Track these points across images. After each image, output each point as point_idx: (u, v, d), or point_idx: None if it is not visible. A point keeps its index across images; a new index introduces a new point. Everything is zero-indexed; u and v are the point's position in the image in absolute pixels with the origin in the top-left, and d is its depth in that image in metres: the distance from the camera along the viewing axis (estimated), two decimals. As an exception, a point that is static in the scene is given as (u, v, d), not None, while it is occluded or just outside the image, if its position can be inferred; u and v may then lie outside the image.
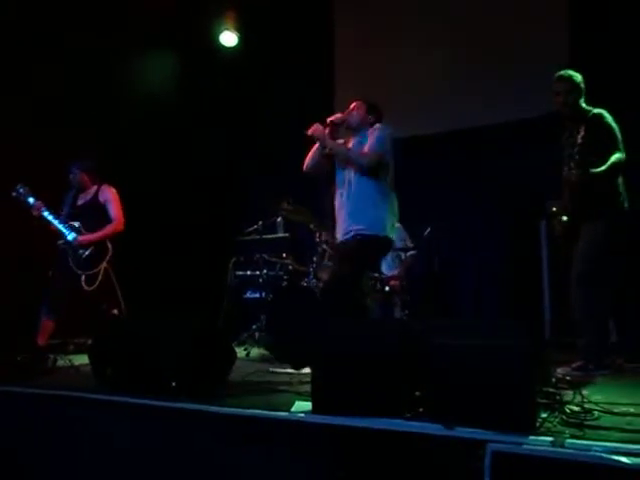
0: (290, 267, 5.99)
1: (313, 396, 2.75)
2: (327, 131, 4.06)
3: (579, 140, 3.91)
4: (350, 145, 4.14)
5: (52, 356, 4.54)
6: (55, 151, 5.87)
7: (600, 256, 4.00)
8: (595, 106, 4.18)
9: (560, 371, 3.70)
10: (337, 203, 4.14)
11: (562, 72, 4.26)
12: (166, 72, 7.81)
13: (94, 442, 3.12)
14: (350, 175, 4.05)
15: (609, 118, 4.07)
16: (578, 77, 4.21)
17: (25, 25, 6.14)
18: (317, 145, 4.13)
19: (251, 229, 6.43)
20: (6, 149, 5.69)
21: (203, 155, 8.09)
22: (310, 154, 4.15)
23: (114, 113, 6.89)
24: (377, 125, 4.09)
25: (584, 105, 4.20)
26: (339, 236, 4.11)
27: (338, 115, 4.16)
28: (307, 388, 2.94)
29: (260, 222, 6.37)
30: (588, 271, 3.98)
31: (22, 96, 6.03)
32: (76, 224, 5.10)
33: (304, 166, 4.20)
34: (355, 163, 4.00)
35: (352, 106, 4.20)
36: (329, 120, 4.10)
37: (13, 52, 6.01)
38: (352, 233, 3.93)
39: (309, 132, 4.01)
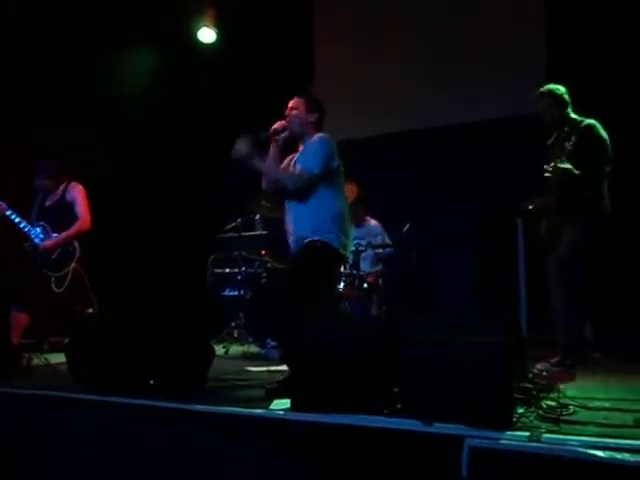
0: (269, 264, 5.99)
1: (292, 393, 2.76)
2: (272, 142, 3.73)
3: (569, 147, 3.97)
4: (295, 157, 3.85)
5: (27, 355, 4.49)
6: (37, 152, 5.83)
7: (578, 256, 4.06)
8: (575, 107, 4.27)
9: (539, 367, 3.74)
10: (286, 212, 3.84)
11: (542, 88, 4.32)
12: (144, 69, 7.75)
13: (72, 441, 3.10)
14: None
15: (601, 129, 4.13)
16: (559, 89, 4.26)
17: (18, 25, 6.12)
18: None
19: (229, 226, 6.42)
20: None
21: (181, 152, 8.05)
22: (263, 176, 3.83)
23: (91, 111, 6.82)
24: (317, 136, 3.72)
25: (573, 115, 4.25)
26: (291, 245, 3.80)
27: (278, 124, 3.77)
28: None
29: (239, 219, 6.35)
30: (566, 270, 4.03)
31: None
32: (41, 225, 5.02)
33: (263, 187, 3.87)
34: (284, 184, 3.70)
35: (290, 105, 3.83)
36: (270, 130, 3.74)
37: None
38: (305, 240, 3.62)
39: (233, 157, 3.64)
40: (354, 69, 7.47)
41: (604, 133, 4.13)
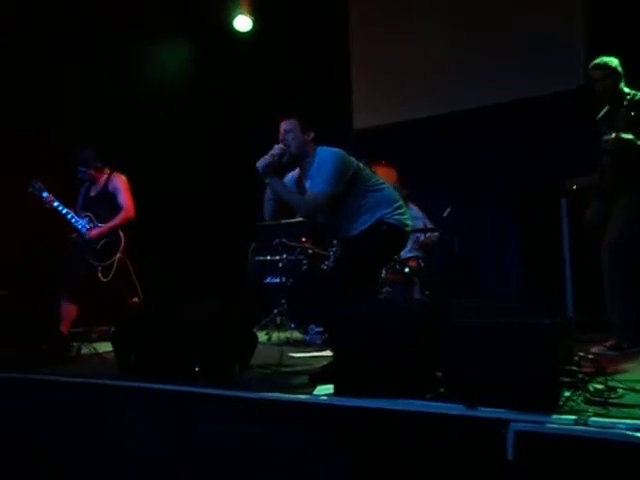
0: (310, 251, 5.99)
1: (335, 378, 2.77)
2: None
3: (626, 119, 3.86)
4: (302, 178, 3.84)
5: (76, 344, 4.60)
6: (62, 144, 5.92)
7: (633, 231, 3.96)
8: None
9: (594, 350, 3.66)
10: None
11: (597, 60, 4.22)
12: (180, 58, 7.81)
13: (118, 428, 3.16)
14: None
15: None
16: (613, 62, 4.17)
17: (33, 19, 6.21)
18: (267, 191, 3.85)
19: (270, 214, 6.43)
20: (12, 146, 5.77)
21: (219, 141, 8.10)
22: (265, 202, 3.89)
23: (128, 101, 6.91)
24: (321, 154, 3.67)
25: (626, 89, 4.14)
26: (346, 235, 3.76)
27: (277, 149, 3.71)
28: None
29: (278, 207, 6.36)
30: (618, 252, 3.93)
31: (30, 89, 6.12)
32: (88, 216, 5.11)
33: (265, 216, 3.93)
34: (296, 209, 3.78)
35: (282, 129, 3.76)
36: (274, 158, 3.69)
37: (21, 47, 6.08)
38: (372, 221, 3.59)
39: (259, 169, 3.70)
40: (390, 56, 7.38)
41: None
